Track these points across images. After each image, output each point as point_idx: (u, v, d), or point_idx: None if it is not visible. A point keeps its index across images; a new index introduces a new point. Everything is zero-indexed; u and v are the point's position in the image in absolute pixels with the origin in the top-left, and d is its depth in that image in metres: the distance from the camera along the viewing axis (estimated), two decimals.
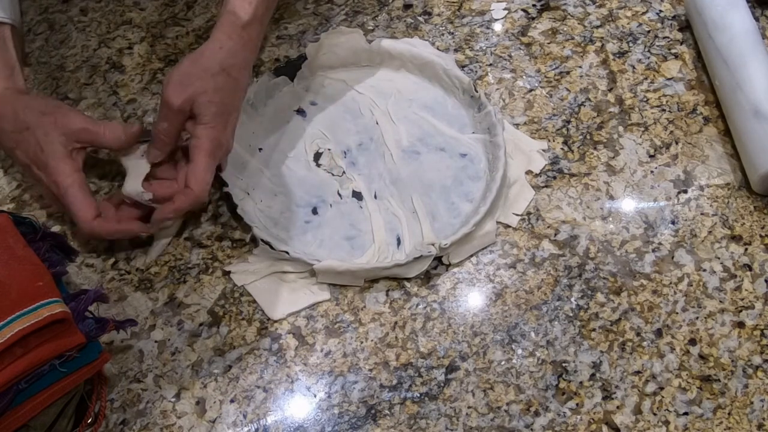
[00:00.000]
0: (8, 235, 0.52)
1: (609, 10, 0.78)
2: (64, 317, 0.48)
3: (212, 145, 0.60)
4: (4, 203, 0.69)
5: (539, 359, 0.57)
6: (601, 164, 0.67)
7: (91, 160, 0.72)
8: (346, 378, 0.58)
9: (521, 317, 0.59)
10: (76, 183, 0.59)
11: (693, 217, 0.64)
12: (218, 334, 0.60)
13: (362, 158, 0.69)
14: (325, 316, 0.61)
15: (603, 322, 0.59)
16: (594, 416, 0.54)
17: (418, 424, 0.55)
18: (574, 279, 0.61)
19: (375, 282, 0.62)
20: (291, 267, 0.62)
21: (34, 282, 0.49)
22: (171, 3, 0.84)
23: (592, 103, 0.71)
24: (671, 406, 0.54)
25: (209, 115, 0.59)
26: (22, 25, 0.63)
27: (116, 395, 0.58)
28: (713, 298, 0.59)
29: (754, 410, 0.54)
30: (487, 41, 0.77)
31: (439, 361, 0.58)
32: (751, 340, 0.57)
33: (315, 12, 0.82)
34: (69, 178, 0.59)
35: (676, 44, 0.75)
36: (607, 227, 0.64)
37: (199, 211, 0.67)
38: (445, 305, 0.60)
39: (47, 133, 0.59)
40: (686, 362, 0.56)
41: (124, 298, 0.63)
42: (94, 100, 0.76)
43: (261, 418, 0.56)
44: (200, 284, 0.63)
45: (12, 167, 0.72)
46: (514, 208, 0.65)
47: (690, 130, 0.69)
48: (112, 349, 0.60)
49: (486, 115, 0.69)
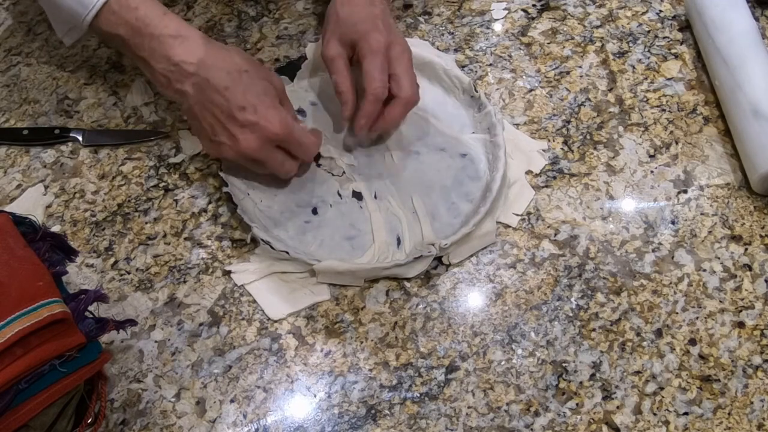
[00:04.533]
0: (8, 235, 0.52)
1: (609, 10, 0.78)
2: (64, 317, 0.48)
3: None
4: (4, 203, 0.69)
5: (539, 359, 0.57)
6: (601, 164, 0.67)
7: (90, 160, 0.72)
8: (346, 378, 0.57)
9: (521, 317, 0.59)
10: (297, 125, 0.62)
11: (693, 217, 0.64)
12: (218, 334, 0.60)
13: (362, 158, 0.69)
14: (325, 316, 0.61)
15: (603, 322, 0.59)
16: (594, 416, 0.54)
17: (418, 424, 0.55)
18: (574, 279, 0.61)
19: (375, 282, 0.62)
20: (291, 267, 0.62)
21: (34, 282, 0.49)
22: (171, 3, 0.84)
23: (592, 103, 0.71)
24: (671, 406, 0.54)
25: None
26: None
27: (116, 395, 0.58)
28: (713, 298, 0.59)
29: (754, 410, 0.54)
30: (487, 41, 0.77)
31: (439, 361, 0.58)
32: (751, 340, 0.57)
33: (315, 12, 0.82)
34: (292, 120, 0.62)
35: (676, 44, 0.75)
36: (607, 227, 0.64)
37: (199, 211, 0.67)
38: (445, 305, 0.60)
39: (268, 79, 0.63)
40: (686, 362, 0.56)
41: (124, 298, 0.63)
42: (94, 100, 0.76)
43: (261, 418, 0.56)
44: (200, 284, 0.63)
45: (12, 167, 0.72)
46: (514, 208, 0.65)
47: (690, 130, 0.69)
48: (112, 349, 0.60)
49: (486, 115, 0.69)
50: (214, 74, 0.60)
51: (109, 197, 0.69)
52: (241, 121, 0.59)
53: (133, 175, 0.70)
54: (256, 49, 0.79)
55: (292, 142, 0.62)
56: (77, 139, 0.73)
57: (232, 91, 0.59)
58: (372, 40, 0.64)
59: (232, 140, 0.60)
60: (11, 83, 0.79)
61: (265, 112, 0.60)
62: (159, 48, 0.61)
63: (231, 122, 0.60)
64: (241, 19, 0.82)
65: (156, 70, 0.62)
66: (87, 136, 0.73)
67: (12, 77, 0.80)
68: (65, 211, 0.69)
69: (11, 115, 0.77)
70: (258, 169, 0.64)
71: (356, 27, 0.65)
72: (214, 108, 0.60)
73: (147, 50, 0.62)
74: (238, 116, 0.59)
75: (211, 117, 0.60)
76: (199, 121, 0.61)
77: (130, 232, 0.67)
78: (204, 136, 0.63)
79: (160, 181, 0.70)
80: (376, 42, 0.63)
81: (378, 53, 0.63)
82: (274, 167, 0.63)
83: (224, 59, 0.61)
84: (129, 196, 0.69)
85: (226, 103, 0.59)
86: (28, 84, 0.79)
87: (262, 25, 0.81)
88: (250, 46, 0.79)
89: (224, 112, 0.60)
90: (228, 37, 0.80)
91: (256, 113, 0.59)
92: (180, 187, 0.69)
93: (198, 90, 0.60)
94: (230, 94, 0.59)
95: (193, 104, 0.61)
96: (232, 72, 0.60)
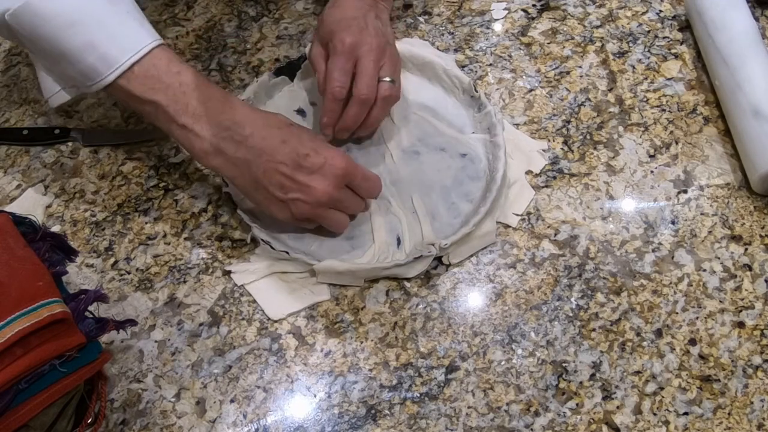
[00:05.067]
0: (8, 235, 0.52)
1: (609, 10, 0.78)
2: (64, 317, 0.48)
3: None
4: (4, 203, 0.69)
5: (539, 359, 0.57)
6: (601, 164, 0.67)
7: (90, 160, 0.72)
8: (346, 378, 0.57)
9: (521, 317, 0.59)
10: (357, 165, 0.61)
11: (693, 217, 0.64)
12: (218, 334, 0.60)
13: (362, 158, 0.69)
14: (325, 316, 0.61)
15: (603, 322, 0.59)
16: (594, 416, 0.54)
17: (418, 424, 0.55)
18: (574, 279, 0.61)
19: (375, 282, 0.62)
20: (291, 267, 0.62)
21: (34, 282, 0.49)
22: (171, 3, 0.84)
23: (592, 103, 0.71)
24: (671, 406, 0.54)
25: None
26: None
27: (116, 395, 0.58)
28: (713, 298, 0.59)
29: (754, 410, 0.54)
30: (487, 41, 0.77)
31: (439, 361, 0.58)
32: (751, 340, 0.57)
33: (315, 12, 0.82)
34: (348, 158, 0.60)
35: (676, 44, 0.75)
36: (607, 227, 0.64)
37: (199, 212, 0.67)
38: (445, 305, 0.60)
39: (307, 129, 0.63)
40: (686, 362, 0.56)
41: (124, 298, 0.63)
42: (94, 99, 0.76)
43: (261, 418, 0.56)
44: (200, 284, 0.63)
45: (12, 167, 0.72)
46: (514, 208, 0.65)
47: (690, 130, 0.69)
48: (112, 349, 0.60)
49: (486, 115, 0.69)
50: (269, 133, 0.59)
51: (109, 197, 0.69)
52: (308, 167, 0.58)
53: (133, 175, 0.71)
54: (256, 49, 0.79)
55: (358, 177, 0.60)
56: (77, 139, 0.73)
57: (290, 143, 0.58)
58: (337, 41, 0.64)
59: (305, 191, 0.58)
60: (11, 83, 0.80)
61: (326, 153, 0.59)
62: (207, 113, 0.58)
63: (300, 172, 0.58)
64: (241, 19, 0.82)
65: (203, 138, 0.59)
66: (87, 136, 0.73)
67: (12, 77, 0.80)
68: (65, 211, 0.69)
69: (11, 115, 0.77)
70: (329, 221, 0.62)
71: (330, 28, 0.66)
72: (278, 165, 0.58)
73: (192, 116, 0.58)
74: (305, 163, 0.58)
75: (279, 175, 0.58)
76: (264, 186, 0.58)
77: (130, 232, 0.67)
78: (272, 201, 0.60)
79: (160, 181, 0.70)
80: (340, 42, 0.64)
81: (341, 54, 0.64)
82: (349, 207, 0.61)
83: (269, 118, 0.60)
84: (129, 196, 0.69)
85: (290, 155, 0.58)
86: (28, 84, 0.79)
87: (262, 25, 0.81)
88: (250, 46, 0.79)
89: (290, 165, 0.58)
90: (228, 37, 0.80)
91: (320, 155, 0.58)
92: (180, 187, 0.69)
93: (257, 153, 0.58)
94: (290, 146, 0.58)
95: (255, 169, 0.58)
96: (282, 127, 0.59)
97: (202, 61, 0.79)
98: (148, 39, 0.59)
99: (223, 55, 0.79)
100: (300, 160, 0.58)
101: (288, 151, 0.58)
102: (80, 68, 0.58)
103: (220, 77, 0.77)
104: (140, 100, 0.59)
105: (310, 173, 0.58)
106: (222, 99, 0.59)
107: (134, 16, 0.60)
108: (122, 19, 0.58)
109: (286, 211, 0.60)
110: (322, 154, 0.58)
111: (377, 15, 0.68)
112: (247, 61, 0.78)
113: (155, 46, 0.59)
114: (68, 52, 0.57)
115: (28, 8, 0.56)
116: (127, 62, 0.57)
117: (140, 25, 0.59)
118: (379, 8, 0.70)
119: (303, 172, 0.58)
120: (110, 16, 0.58)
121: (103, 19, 0.57)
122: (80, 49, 0.57)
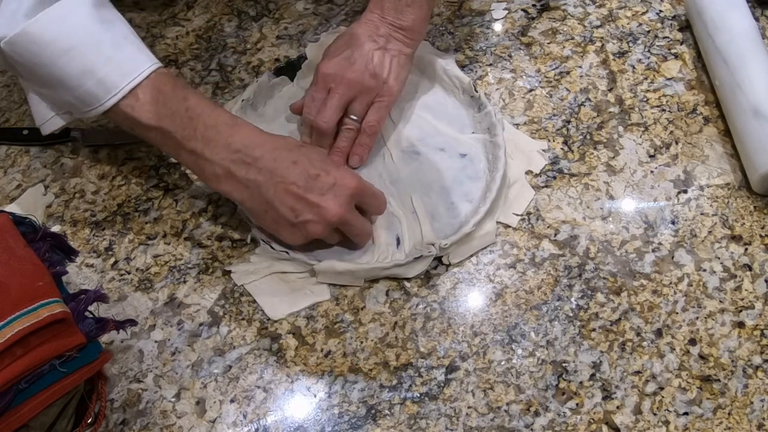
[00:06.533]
0: (8, 235, 0.52)
1: (609, 10, 0.78)
2: (64, 317, 0.48)
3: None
4: (4, 203, 0.70)
5: (539, 359, 0.57)
6: (601, 164, 0.67)
7: (90, 160, 0.72)
8: (346, 378, 0.57)
9: (521, 317, 0.59)
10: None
11: (693, 217, 0.64)
12: (218, 334, 0.60)
13: None
14: (325, 316, 0.61)
15: (603, 322, 0.59)
16: (594, 416, 0.54)
17: (418, 424, 0.55)
18: (574, 279, 0.61)
19: (375, 282, 0.62)
20: (291, 267, 0.62)
21: (34, 282, 0.49)
22: (171, 3, 0.84)
23: (592, 103, 0.71)
24: (671, 406, 0.54)
25: None
26: None
27: (116, 395, 0.58)
28: (713, 298, 0.59)
29: (754, 410, 0.54)
30: (487, 41, 0.77)
31: (439, 361, 0.58)
32: (751, 340, 0.57)
33: (315, 12, 0.82)
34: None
35: (676, 44, 0.75)
36: (607, 227, 0.64)
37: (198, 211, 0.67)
38: (445, 305, 0.60)
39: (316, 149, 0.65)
40: (686, 362, 0.56)
41: (124, 298, 0.63)
42: None
43: (261, 418, 0.56)
44: (200, 284, 0.63)
45: (12, 167, 0.72)
46: (514, 208, 0.65)
47: (690, 130, 0.69)
48: (112, 349, 0.60)
49: (486, 115, 0.69)
50: (279, 155, 0.59)
51: (109, 197, 0.69)
52: (320, 187, 0.58)
53: (133, 175, 0.71)
54: (256, 49, 0.79)
55: (367, 194, 0.61)
56: (77, 139, 0.73)
57: (301, 164, 0.59)
58: (318, 68, 0.67)
59: (316, 211, 0.58)
60: (11, 83, 0.80)
61: (336, 172, 0.59)
62: (216, 137, 0.58)
63: (311, 193, 0.58)
64: (241, 19, 0.82)
65: (213, 161, 0.58)
66: (87, 136, 0.73)
67: (12, 77, 0.80)
68: (65, 211, 0.69)
69: (11, 115, 0.77)
70: (337, 239, 0.63)
71: (326, 51, 0.69)
72: (290, 186, 0.58)
73: (201, 140, 0.58)
74: (316, 184, 0.58)
75: (290, 197, 0.58)
76: (276, 209, 0.58)
77: (130, 232, 0.67)
78: (283, 224, 0.59)
79: (160, 181, 0.70)
80: (318, 71, 0.67)
81: (316, 83, 0.67)
82: (358, 225, 0.61)
83: (278, 140, 0.60)
84: (129, 196, 0.69)
85: (302, 176, 0.58)
86: None
87: (262, 25, 0.81)
88: (250, 46, 0.79)
89: (302, 186, 0.58)
90: (228, 37, 0.80)
91: (330, 174, 0.59)
92: (180, 187, 0.69)
93: (268, 175, 0.58)
94: (301, 167, 0.58)
95: (265, 191, 0.58)
96: (292, 148, 0.60)
97: (202, 61, 0.79)
98: (146, 63, 0.59)
99: (223, 55, 0.79)
100: (311, 180, 0.58)
101: (299, 171, 0.58)
102: (78, 94, 0.58)
103: (220, 77, 0.77)
104: (146, 127, 0.59)
105: (321, 194, 0.58)
106: (230, 122, 0.59)
107: (131, 41, 0.59)
108: (120, 44, 0.58)
109: (297, 234, 0.60)
110: (333, 174, 0.59)
111: (385, 52, 0.67)
112: (247, 61, 0.78)
113: (154, 69, 0.59)
114: (66, 78, 0.57)
115: (24, 36, 0.56)
116: (126, 87, 0.57)
117: (138, 50, 0.59)
118: (393, 46, 0.67)
119: (314, 193, 0.58)
120: (107, 41, 0.58)
121: (100, 44, 0.57)
122: (78, 74, 0.57)
